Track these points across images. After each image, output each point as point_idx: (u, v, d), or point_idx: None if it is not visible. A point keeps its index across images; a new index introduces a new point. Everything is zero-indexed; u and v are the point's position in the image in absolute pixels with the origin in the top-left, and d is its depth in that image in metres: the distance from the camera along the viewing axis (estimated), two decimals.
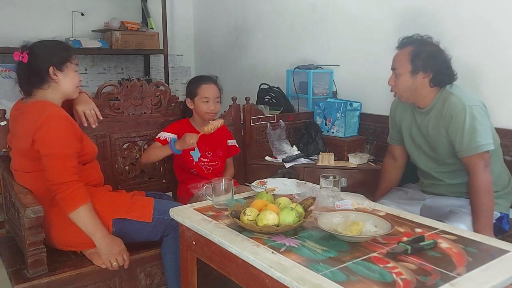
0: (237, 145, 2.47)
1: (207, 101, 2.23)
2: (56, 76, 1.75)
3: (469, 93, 1.92)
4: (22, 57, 1.72)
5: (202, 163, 2.29)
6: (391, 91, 1.99)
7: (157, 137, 2.25)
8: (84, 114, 1.94)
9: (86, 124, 1.96)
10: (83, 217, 1.67)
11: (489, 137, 1.81)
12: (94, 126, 1.98)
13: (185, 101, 2.34)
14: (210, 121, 2.15)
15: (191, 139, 2.07)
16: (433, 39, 1.95)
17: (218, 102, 2.27)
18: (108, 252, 1.70)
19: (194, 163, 2.27)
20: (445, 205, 1.95)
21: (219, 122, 2.14)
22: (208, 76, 2.34)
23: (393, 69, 1.96)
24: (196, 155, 2.27)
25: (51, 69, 1.74)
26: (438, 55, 1.90)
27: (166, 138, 2.21)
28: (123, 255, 1.73)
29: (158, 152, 2.21)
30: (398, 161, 2.21)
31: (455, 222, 1.78)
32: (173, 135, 2.22)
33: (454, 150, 1.88)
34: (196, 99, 2.25)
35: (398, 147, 2.18)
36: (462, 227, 1.75)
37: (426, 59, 1.87)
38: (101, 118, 2.00)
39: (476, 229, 1.76)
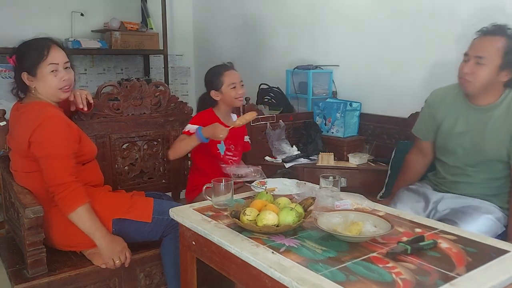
0: (249, 142, 2.43)
1: (234, 87, 2.20)
2: (32, 81, 1.71)
3: None
4: (11, 61, 1.71)
5: (227, 157, 2.27)
6: (464, 78, 1.81)
7: (185, 130, 2.15)
8: (74, 96, 1.91)
9: (80, 106, 1.93)
10: (82, 218, 1.66)
11: None
12: (81, 106, 1.93)
13: (204, 95, 2.29)
14: (241, 116, 2.12)
15: (221, 133, 2.00)
16: None
17: (243, 85, 2.24)
18: (110, 251, 1.70)
19: (221, 156, 2.24)
20: (459, 204, 1.90)
21: (251, 115, 2.10)
22: (224, 64, 2.29)
23: (477, 56, 1.77)
24: (222, 148, 2.24)
25: (24, 75, 1.70)
26: None
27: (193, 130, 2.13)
28: (126, 253, 1.73)
29: (185, 144, 2.11)
30: (427, 157, 2.10)
31: (468, 223, 1.76)
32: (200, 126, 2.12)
33: (505, 155, 1.82)
34: (224, 88, 2.19)
35: (429, 143, 2.08)
36: (471, 228, 1.72)
37: None
38: (91, 101, 1.97)
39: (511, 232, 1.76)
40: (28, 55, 1.70)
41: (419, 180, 2.16)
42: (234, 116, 2.33)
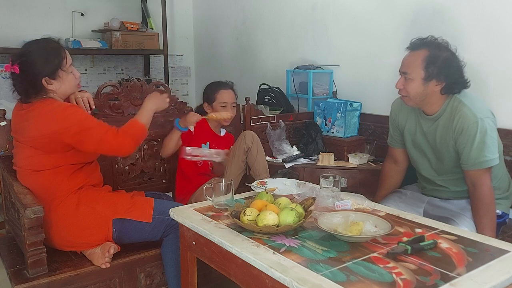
0: None
1: (224, 106, 2.31)
2: (51, 84, 1.73)
3: (479, 101, 1.85)
4: (13, 69, 1.69)
5: None
6: (399, 93, 1.91)
7: None
8: (76, 101, 1.92)
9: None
10: (145, 121, 1.85)
11: (496, 151, 1.78)
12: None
13: (200, 105, 2.42)
14: (218, 112, 2.28)
15: (193, 118, 2.16)
16: (449, 44, 1.85)
17: (234, 107, 2.34)
18: (157, 103, 1.94)
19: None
20: (446, 210, 1.94)
21: (226, 115, 2.27)
22: (225, 82, 2.41)
23: (403, 72, 1.85)
24: (205, 147, 2.29)
25: (44, 81, 1.70)
26: (453, 62, 1.80)
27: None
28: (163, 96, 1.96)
29: (168, 138, 2.24)
30: (400, 164, 2.13)
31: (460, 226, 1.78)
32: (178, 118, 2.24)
33: (458, 157, 1.84)
34: (215, 104, 2.32)
35: (400, 150, 2.11)
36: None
37: (441, 67, 1.77)
38: (93, 106, 1.99)
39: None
40: (46, 60, 1.71)
41: (410, 184, 2.18)
42: (222, 130, 2.43)
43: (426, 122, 1.93)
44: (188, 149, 2.17)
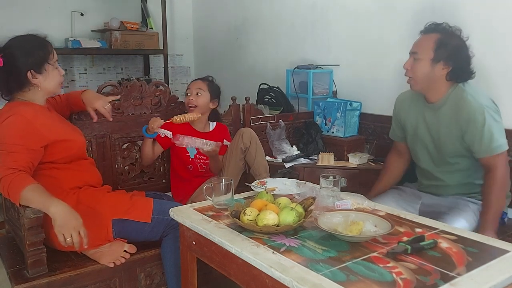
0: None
1: (188, 94, 2.30)
2: (36, 78, 1.70)
3: (481, 91, 1.89)
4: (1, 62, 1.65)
5: (198, 160, 2.29)
6: (405, 75, 1.93)
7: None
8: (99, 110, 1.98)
9: (110, 119, 2.03)
10: (29, 200, 1.55)
11: (504, 135, 1.83)
12: (111, 120, 2.04)
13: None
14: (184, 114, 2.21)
15: (154, 124, 2.12)
16: (461, 32, 1.89)
17: (199, 94, 2.27)
18: (61, 224, 1.53)
19: (190, 159, 2.28)
20: (443, 204, 1.95)
21: (192, 116, 2.19)
22: (203, 77, 2.40)
23: (413, 53, 1.89)
24: (192, 152, 2.28)
25: (29, 74, 1.68)
26: (463, 49, 1.86)
27: (159, 134, 2.19)
28: (80, 231, 1.56)
29: (143, 146, 2.23)
30: (404, 156, 2.17)
31: (455, 216, 1.80)
32: (168, 131, 2.16)
33: (462, 150, 1.87)
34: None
35: (402, 144, 2.16)
36: (462, 222, 1.75)
37: (450, 51, 1.82)
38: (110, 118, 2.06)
39: (482, 224, 1.76)
40: (32, 52, 1.69)
41: (411, 182, 2.19)
42: (212, 124, 2.38)
43: (430, 112, 1.95)
44: (179, 136, 2.12)
